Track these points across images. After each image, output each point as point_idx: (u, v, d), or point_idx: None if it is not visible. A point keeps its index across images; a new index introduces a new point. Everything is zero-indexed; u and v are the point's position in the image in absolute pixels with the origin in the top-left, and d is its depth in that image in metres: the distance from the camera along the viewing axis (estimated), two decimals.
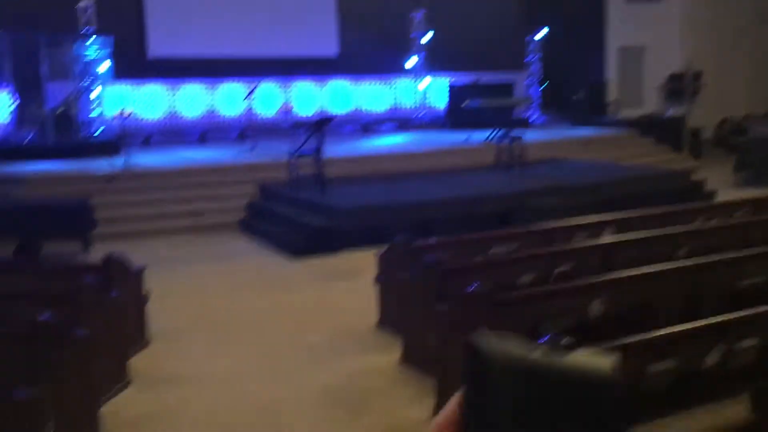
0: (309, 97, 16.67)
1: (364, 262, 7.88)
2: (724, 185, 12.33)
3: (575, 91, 17.36)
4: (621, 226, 6.44)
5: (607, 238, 6.03)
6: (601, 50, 18.82)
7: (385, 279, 5.68)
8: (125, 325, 4.77)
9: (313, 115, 15.30)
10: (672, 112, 17.47)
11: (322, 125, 9.99)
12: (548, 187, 9.61)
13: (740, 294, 4.25)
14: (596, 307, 3.94)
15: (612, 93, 18.57)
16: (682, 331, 3.40)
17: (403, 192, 9.81)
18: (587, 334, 4.03)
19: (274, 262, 8.47)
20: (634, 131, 15.46)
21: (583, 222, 6.73)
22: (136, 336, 5.38)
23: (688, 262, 4.18)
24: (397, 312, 5.49)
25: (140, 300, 5.50)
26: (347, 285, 7.31)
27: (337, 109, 16.55)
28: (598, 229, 6.42)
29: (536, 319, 3.87)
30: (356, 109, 17.31)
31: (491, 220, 9.15)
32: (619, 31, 18.64)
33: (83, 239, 8.61)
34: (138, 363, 5.20)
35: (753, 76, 20.13)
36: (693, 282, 4.17)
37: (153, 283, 7.36)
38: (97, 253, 8.66)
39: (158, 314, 6.31)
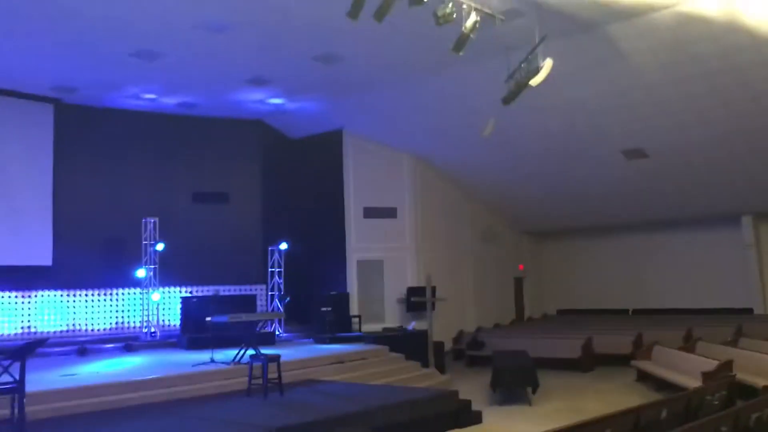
0: (10, 313, 13.77)
1: None
2: (484, 403, 11.87)
3: (321, 304, 16.61)
4: None
5: None
6: (343, 263, 18.63)
7: None
8: None
9: (15, 335, 12.45)
10: (414, 325, 17.40)
11: (28, 351, 7.68)
12: (317, 420, 8.13)
13: None
14: None
15: (354, 307, 18.17)
16: None
17: None
18: None
19: None
20: (383, 347, 14.87)
21: None
22: None
23: None
24: None
25: None
26: None
27: (48, 327, 13.79)
28: None
29: None
30: (72, 327, 14.65)
31: None
32: (358, 244, 18.72)
33: None
34: None
35: (478, 290, 21.28)
36: None
37: None
38: None
39: None
